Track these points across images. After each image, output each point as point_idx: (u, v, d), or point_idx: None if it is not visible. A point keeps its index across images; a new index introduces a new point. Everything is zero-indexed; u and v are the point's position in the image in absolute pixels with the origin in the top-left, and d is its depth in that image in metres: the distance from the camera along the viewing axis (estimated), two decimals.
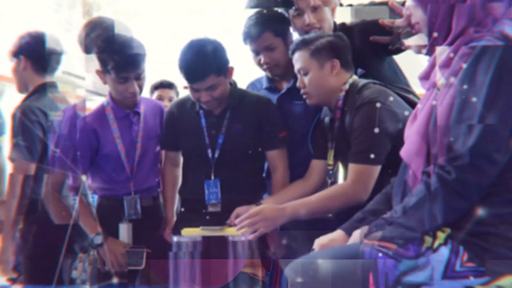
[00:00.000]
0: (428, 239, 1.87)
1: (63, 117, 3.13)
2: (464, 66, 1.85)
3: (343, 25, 3.18)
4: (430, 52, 2.00)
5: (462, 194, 1.83)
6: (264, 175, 3.19)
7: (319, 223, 2.74)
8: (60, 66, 3.51)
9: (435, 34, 1.96)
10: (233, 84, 3.10)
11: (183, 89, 3.23)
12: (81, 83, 6.58)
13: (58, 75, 3.55)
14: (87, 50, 2.90)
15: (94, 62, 2.92)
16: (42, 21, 5.48)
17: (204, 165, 3.05)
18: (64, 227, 3.14)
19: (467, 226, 1.84)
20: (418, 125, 1.97)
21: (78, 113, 3.12)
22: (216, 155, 3.03)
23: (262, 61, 3.16)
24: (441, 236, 1.87)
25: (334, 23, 3.17)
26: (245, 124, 3.05)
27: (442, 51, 1.96)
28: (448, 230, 1.87)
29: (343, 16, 3.21)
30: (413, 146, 1.97)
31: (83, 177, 3.06)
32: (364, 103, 2.67)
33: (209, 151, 3.03)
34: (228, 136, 3.03)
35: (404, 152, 2.03)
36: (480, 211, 1.83)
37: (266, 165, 3.18)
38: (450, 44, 1.93)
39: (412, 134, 2.00)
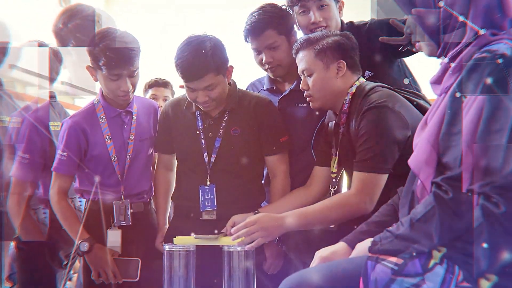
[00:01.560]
0: (436, 254, 1.87)
1: (21, 124, 3.12)
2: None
3: (351, 24, 3.18)
4: (443, 55, 2.00)
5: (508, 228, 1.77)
6: (263, 181, 3.19)
7: (320, 234, 2.74)
8: (59, 76, 3.50)
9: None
10: (233, 85, 3.10)
11: (179, 88, 3.22)
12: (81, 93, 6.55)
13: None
14: (63, 42, 2.83)
15: (71, 56, 2.85)
16: None
17: (199, 169, 3.05)
18: (57, 239, 3.13)
19: None
20: (428, 133, 1.97)
21: (40, 119, 3.12)
22: (212, 160, 3.03)
23: (263, 61, 3.16)
24: (436, 255, 1.88)
25: (342, 21, 3.17)
26: (244, 127, 3.06)
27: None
28: (444, 249, 1.87)
29: (364, 8, 3.19)
30: (422, 154, 1.97)
31: (97, 178, 3.05)
32: (371, 107, 2.67)
33: (205, 155, 3.03)
34: (225, 140, 3.04)
35: (412, 161, 2.03)
36: None
37: (265, 171, 3.19)
38: (465, 47, 1.93)
39: (421, 141, 2.00)
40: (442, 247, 1.88)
